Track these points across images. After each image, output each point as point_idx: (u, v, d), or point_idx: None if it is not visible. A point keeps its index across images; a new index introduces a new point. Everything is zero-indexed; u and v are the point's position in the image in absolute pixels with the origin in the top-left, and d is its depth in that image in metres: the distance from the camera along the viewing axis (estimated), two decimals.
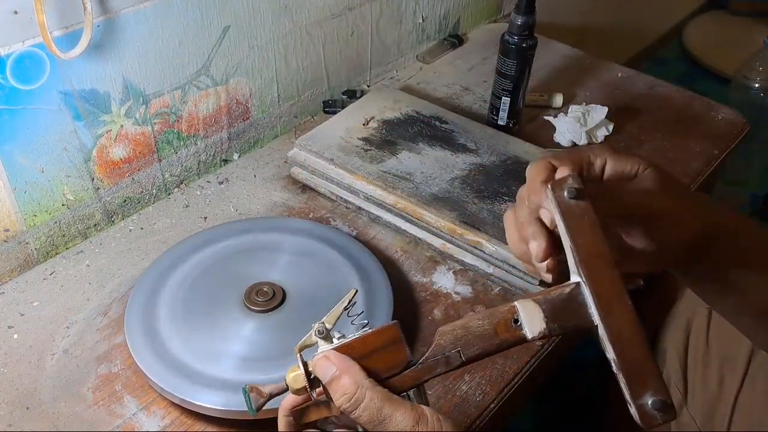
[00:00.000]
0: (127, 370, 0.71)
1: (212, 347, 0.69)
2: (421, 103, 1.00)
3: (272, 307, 0.73)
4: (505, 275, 0.81)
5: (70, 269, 0.82)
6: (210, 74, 0.91)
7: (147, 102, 0.85)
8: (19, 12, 0.69)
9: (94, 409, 0.67)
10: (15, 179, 0.77)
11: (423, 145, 0.92)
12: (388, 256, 0.85)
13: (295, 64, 1.02)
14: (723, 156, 1.05)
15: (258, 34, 0.93)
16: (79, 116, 0.79)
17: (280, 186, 0.95)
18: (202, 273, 0.77)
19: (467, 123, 0.97)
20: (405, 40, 1.19)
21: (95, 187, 0.85)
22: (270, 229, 0.83)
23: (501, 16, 1.38)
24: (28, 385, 0.69)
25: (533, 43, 0.96)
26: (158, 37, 0.82)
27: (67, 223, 0.84)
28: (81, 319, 0.76)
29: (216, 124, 0.95)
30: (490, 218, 0.82)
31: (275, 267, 0.78)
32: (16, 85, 0.72)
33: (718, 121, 1.10)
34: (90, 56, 0.77)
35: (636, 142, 1.06)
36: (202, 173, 0.97)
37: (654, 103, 1.14)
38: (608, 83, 1.18)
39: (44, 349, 0.73)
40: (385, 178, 0.87)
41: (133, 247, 0.85)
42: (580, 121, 1.04)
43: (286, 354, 0.69)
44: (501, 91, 1.00)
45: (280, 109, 1.04)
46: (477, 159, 0.90)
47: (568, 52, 1.26)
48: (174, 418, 0.67)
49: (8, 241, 0.80)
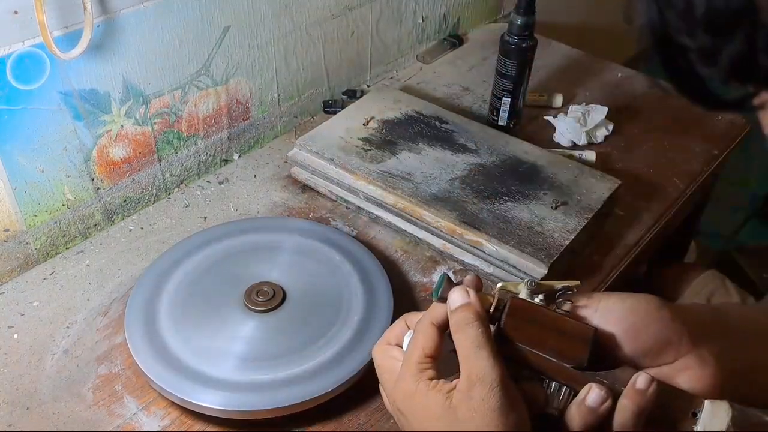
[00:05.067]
0: (127, 370, 0.71)
1: (212, 347, 0.69)
2: (421, 103, 1.00)
3: (272, 307, 0.73)
4: (505, 275, 0.81)
5: (70, 269, 0.82)
6: (210, 74, 0.91)
7: (147, 102, 0.85)
8: (19, 12, 0.69)
9: (94, 409, 0.67)
10: (15, 179, 0.77)
11: (423, 145, 0.92)
12: (388, 256, 0.85)
13: (295, 64, 1.01)
14: (723, 156, 1.05)
15: (258, 34, 0.93)
16: (79, 116, 0.79)
17: (280, 186, 0.95)
18: (202, 273, 0.77)
19: (467, 123, 0.97)
20: (405, 40, 1.19)
21: (95, 187, 0.85)
22: (270, 229, 0.83)
23: (501, 16, 1.38)
24: (28, 385, 0.69)
25: (533, 44, 0.96)
26: (158, 37, 0.82)
27: (67, 223, 0.84)
28: (81, 319, 0.76)
29: (216, 124, 0.95)
30: (490, 218, 0.82)
31: (275, 267, 0.78)
32: (16, 85, 0.72)
33: (718, 121, 1.10)
34: (90, 56, 0.77)
35: (636, 142, 1.06)
36: (202, 173, 0.97)
37: (654, 103, 1.14)
38: (608, 83, 1.18)
39: (44, 349, 0.73)
40: (385, 178, 0.87)
41: (133, 247, 0.85)
42: (580, 121, 1.04)
43: (286, 354, 0.69)
44: (501, 91, 1.00)
45: (280, 109, 1.04)
46: (477, 159, 0.90)
47: (568, 52, 1.26)
48: (174, 418, 0.67)
49: (8, 241, 0.80)
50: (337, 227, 0.88)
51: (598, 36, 1.83)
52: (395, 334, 0.55)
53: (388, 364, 0.53)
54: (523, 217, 0.82)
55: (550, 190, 0.86)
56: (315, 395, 0.65)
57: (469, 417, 0.46)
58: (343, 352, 0.69)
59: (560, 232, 0.80)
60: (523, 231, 0.80)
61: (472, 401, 0.46)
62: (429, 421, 0.48)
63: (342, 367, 0.68)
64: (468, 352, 0.48)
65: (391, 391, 0.51)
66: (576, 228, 0.81)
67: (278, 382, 0.66)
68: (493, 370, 0.46)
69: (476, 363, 0.47)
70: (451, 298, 0.50)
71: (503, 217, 0.82)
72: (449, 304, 0.50)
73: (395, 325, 0.56)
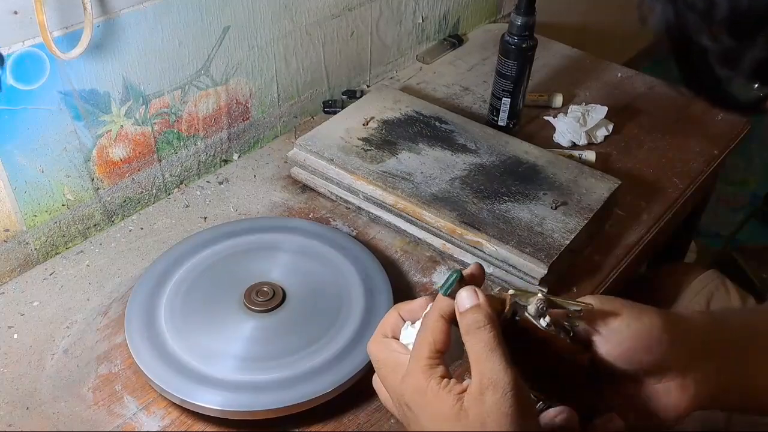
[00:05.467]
0: (127, 370, 0.71)
1: (212, 347, 0.69)
2: (421, 103, 1.00)
3: (272, 307, 0.73)
4: (505, 275, 0.81)
5: (70, 269, 0.82)
6: (210, 74, 0.91)
7: (147, 102, 0.85)
8: (19, 12, 0.69)
9: (94, 409, 0.67)
10: (15, 179, 0.77)
11: (423, 145, 0.92)
12: (388, 256, 0.85)
13: (295, 64, 1.02)
14: (723, 156, 1.05)
15: (258, 34, 0.93)
16: (79, 116, 0.79)
17: (280, 186, 0.95)
18: (202, 273, 0.77)
19: (467, 123, 0.97)
20: (405, 40, 1.19)
21: (95, 187, 0.85)
22: (270, 229, 0.83)
23: (501, 17, 1.38)
24: (28, 385, 0.69)
25: (533, 44, 0.96)
26: (158, 37, 0.82)
27: (67, 223, 0.84)
28: (81, 319, 0.76)
29: (216, 124, 0.95)
30: (490, 218, 0.82)
31: (275, 267, 0.78)
32: (16, 85, 0.72)
33: (718, 121, 1.10)
34: (90, 56, 0.77)
35: (636, 142, 1.06)
36: (202, 173, 0.97)
37: (654, 103, 1.14)
38: (608, 83, 1.18)
39: (44, 349, 0.73)
40: (385, 178, 0.87)
41: (133, 247, 0.85)
42: (579, 121, 1.04)
43: (285, 354, 0.69)
44: (501, 91, 1.00)
45: (280, 109, 1.04)
46: (477, 159, 0.90)
47: (568, 52, 1.26)
48: (174, 418, 0.67)
49: (8, 241, 0.80)
50: (337, 227, 0.88)
51: (598, 36, 1.83)
52: (390, 326, 0.54)
53: (391, 359, 0.52)
54: (523, 217, 0.82)
55: (550, 190, 0.86)
56: (315, 395, 0.65)
57: (481, 421, 0.45)
58: (343, 352, 0.69)
59: (560, 232, 0.80)
60: (523, 231, 0.80)
61: (484, 405, 0.46)
62: (439, 421, 0.47)
63: (342, 367, 0.68)
64: (479, 355, 0.47)
65: (398, 385, 0.51)
66: (576, 228, 0.81)
67: (278, 382, 0.66)
68: (506, 374, 0.46)
69: (488, 366, 0.46)
70: (460, 298, 0.50)
71: (503, 217, 0.82)
72: (458, 304, 0.50)
73: (388, 317, 0.55)
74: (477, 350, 0.47)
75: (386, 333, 0.54)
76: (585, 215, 0.82)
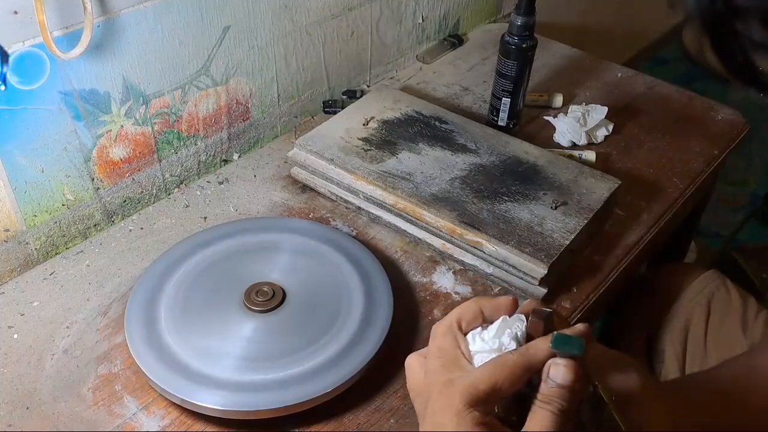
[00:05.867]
0: (127, 370, 0.71)
1: (212, 347, 0.69)
2: (421, 103, 1.00)
3: (272, 307, 0.73)
4: (505, 275, 0.81)
5: (70, 269, 0.82)
6: (210, 74, 0.91)
7: (147, 102, 0.85)
8: (19, 12, 0.69)
9: (94, 409, 0.67)
10: (15, 179, 0.77)
11: (423, 145, 0.92)
12: (388, 256, 0.85)
13: (295, 64, 1.02)
14: (723, 156, 1.05)
15: (258, 34, 0.93)
16: (79, 116, 0.79)
17: (280, 186, 0.95)
18: (202, 273, 0.77)
19: (467, 123, 0.97)
20: (405, 40, 1.19)
21: (95, 187, 0.85)
22: (270, 229, 0.84)
23: (501, 17, 1.38)
24: (28, 385, 0.69)
25: (533, 44, 0.96)
26: (158, 37, 0.82)
27: (67, 223, 0.84)
28: (81, 319, 0.76)
29: (216, 124, 0.95)
30: (490, 218, 0.82)
31: (275, 267, 0.78)
32: (16, 85, 0.72)
33: (718, 121, 1.10)
34: (90, 56, 0.77)
35: (636, 142, 1.06)
36: (202, 173, 0.97)
37: (654, 103, 1.14)
38: (608, 83, 1.18)
39: (44, 349, 0.73)
40: (385, 178, 0.87)
41: (133, 247, 0.85)
42: (579, 121, 1.04)
43: (286, 354, 0.69)
44: (501, 91, 1.00)
45: (280, 109, 1.04)
46: (477, 159, 0.90)
47: (568, 52, 1.26)
48: (174, 418, 0.67)
49: (8, 241, 0.80)
50: (337, 227, 0.88)
51: (598, 36, 1.83)
52: (467, 320, 0.51)
53: (452, 355, 0.49)
54: (523, 217, 0.82)
55: (550, 190, 0.86)
56: (315, 395, 0.65)
57: None
58: (343, 352, 0.69)
59: (560, 232, 0.80)
60: (523, 231, 0.80)
61: None
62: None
63: (342, 367, 0.68)
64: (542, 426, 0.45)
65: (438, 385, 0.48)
66: (576, 228, 0.81)
67: (278, 382, 0.66)
68: None
69: None
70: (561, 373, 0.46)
71: (503, 217, 0.82)
72: (554, 375, 0.47)
73: (467, 310, 0.51)
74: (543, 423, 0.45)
75: (460, 324, 0.51)
76: (585, 215, 0.82)
